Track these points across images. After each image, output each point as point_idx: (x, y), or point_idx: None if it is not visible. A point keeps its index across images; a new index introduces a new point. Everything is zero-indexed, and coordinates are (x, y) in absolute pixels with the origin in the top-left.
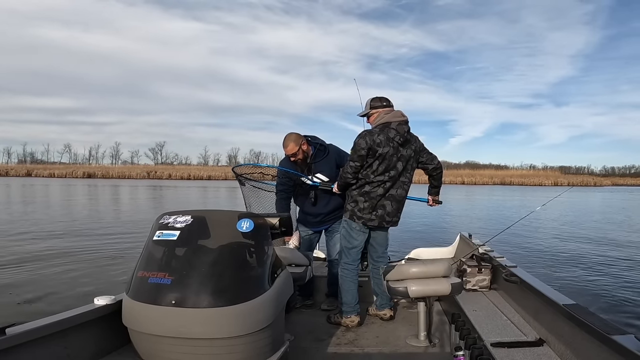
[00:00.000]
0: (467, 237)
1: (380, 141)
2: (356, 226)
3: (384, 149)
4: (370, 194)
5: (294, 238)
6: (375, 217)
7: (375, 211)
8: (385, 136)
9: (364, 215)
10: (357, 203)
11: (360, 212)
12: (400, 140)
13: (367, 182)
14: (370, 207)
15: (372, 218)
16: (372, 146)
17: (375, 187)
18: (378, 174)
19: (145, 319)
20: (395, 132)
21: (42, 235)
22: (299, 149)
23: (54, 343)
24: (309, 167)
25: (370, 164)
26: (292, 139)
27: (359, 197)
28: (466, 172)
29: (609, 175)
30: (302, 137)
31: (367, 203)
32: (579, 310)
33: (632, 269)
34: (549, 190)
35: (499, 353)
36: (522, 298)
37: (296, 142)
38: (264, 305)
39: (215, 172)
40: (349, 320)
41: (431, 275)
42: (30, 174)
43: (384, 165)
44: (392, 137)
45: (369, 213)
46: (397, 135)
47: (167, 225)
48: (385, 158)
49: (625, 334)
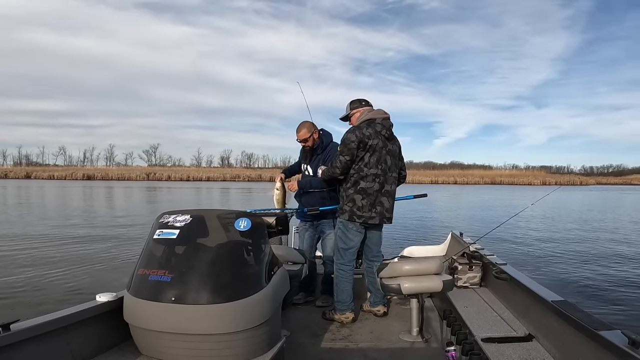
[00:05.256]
0: (458, 236)
1: (369, 134)
2: (353, 227)
3: (374, 140)
4: (367, 190)
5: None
6: (375, 214)
7: (375, 208)
8: (373, 129)
9: (364, 214)
10: (354, 202)
11: (359, 210)
12: (387, 134)
13: (361, 178)
14: (369, 204)
15: (372, 215)
16: (362, 139)
17: (370, 182)
18: (371, 166)
19: (145, 315)
20: (382, 126)
21: (46, 234)
22: (310, 136)
23: (57, 339)
24: (310, 158)
25: (362, 157)
26: (306, 126)
27: (356, 195)
28: (457, 172)
29: (588, 175)
30: (316, 128)
31: (366, 200)
32: (567, 307)
33: (619, 265)
34: (538, 190)
35: (489, 348)
36: (512, 295)
37: (309, 129)
38: (261, 301)
39: (212, 173)
40: (343, 317)
41: (423, 273)
42: (29, 176)
43: (375, 157)
44: (379, 130)
45: (369, 211)
46: (383, 128)
47: (167, 224)
48: (376, 150)
49: (612, 329)
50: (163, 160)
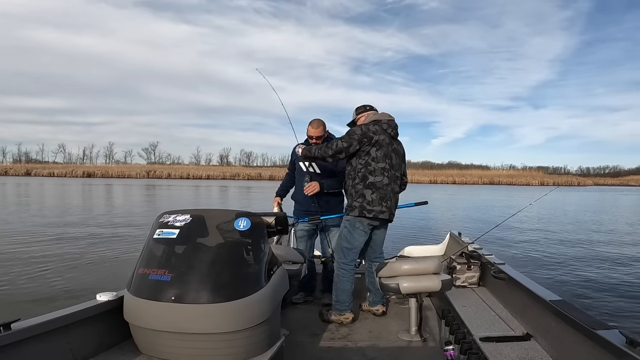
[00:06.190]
0: (456, 235)
1: (375, 129)
2: (360, 226)
3: (380, 136)
4: (376, 184)
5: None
6: (386, 209)
7: (385, 202)
8: (380, 127)
9: (374, 208)
10: (364, 197)
11: (370, 205)
12: (393, 132)
13: (369, 172)
14: (380, 198)
15: (383, 210)
16: (367, 133)
17: (379, 175)
18: (379, 160)
19: (145, 314)
20: (387, 125)
21: (47, 233)
22: (321, 135)
23: (58, 338)
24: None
25: (368, 152)
26: (321, 123)
27: (366, 190)
28: (456, 172)
29: (585, 176)
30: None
31: (376, 194)
32: (565, 306)
33: (617, 265)
34: (536, 190)
35: (487, 347)
36: (510, 294)
37: (324, 127)
38: (260, 301)
39: (212, 171)
40: (343, 318)
41: (422, 272)
42: (29, 174)
43: (382, 152)
44: (385, 128)
45: (379, 205)
46: (389, 127)
47: (167, 223)
48: (383, 145)
49: (609, 328)
50: (162, 158)
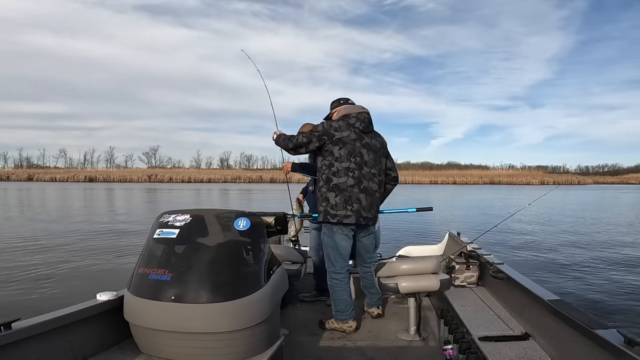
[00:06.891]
0: (455, 235)
1: (338, 126)
2: (338, 230)
3: (343, 132)
4: (340, 186)
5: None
6: (351, 213)
7: (350, 205)
8: (345, 122)
9: (338, 212)
10: (328, 200)
11: (333, 209)
12: (361, 126)
13: (333, 174)
14: (343, 201)
15: (347, 214)
16: (328, 130)
17: (343, 176)
18: (342, 160)
19: (145, 314)
20: (356, 119)
21: (48, 234)
22: None
23: (58, 337)
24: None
25: (331, 151)
26: (311, 127)
27: (329, 193)
28: (456, 172)
29: (584, 174)
30: None
31: (339, 197)
32: (563, 306)
33: (616, 265)
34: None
35: (486, 347)
36: (509, 294)
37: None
38: (260, 300)
39: (213, 174)
40: (346, 326)
41: (421, 272)
42: (31, 179)
43: (345, 150)
44: (352, 123)
45: (343, 208)
46: (357, 121)
47: (167, 223)
48: (347, 143)
49: (607, 328)
50: (163, 162)
